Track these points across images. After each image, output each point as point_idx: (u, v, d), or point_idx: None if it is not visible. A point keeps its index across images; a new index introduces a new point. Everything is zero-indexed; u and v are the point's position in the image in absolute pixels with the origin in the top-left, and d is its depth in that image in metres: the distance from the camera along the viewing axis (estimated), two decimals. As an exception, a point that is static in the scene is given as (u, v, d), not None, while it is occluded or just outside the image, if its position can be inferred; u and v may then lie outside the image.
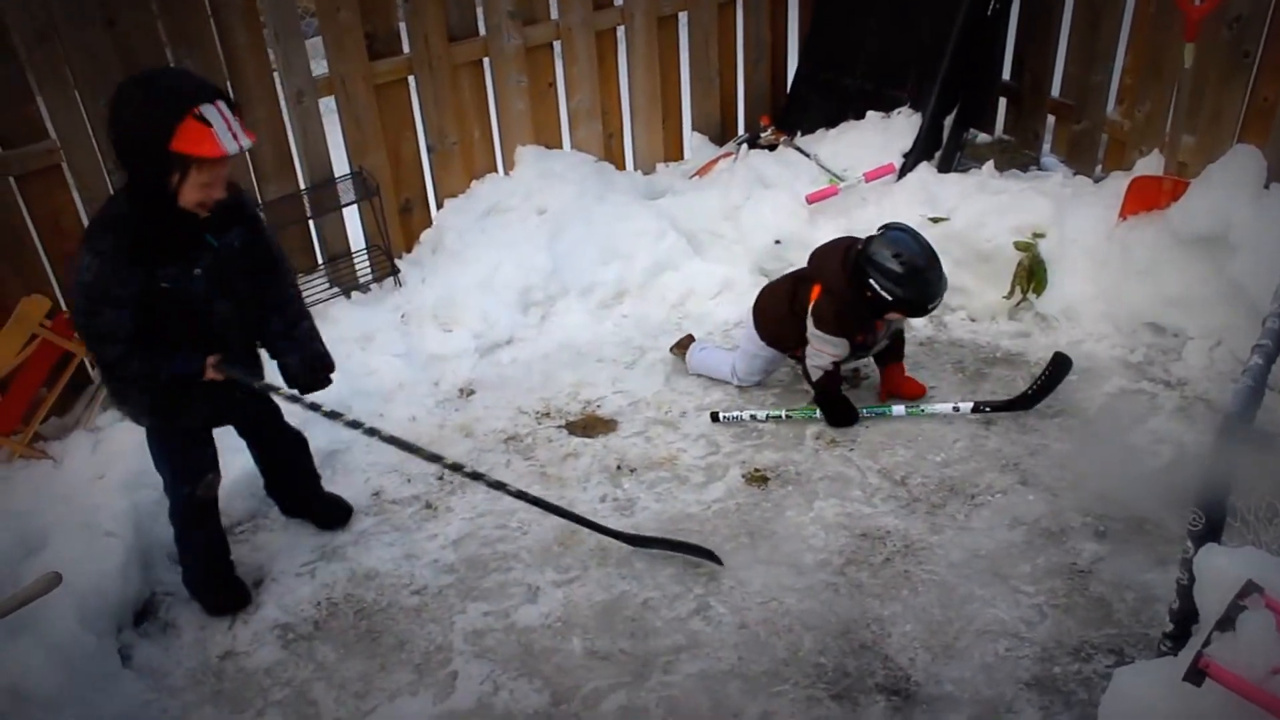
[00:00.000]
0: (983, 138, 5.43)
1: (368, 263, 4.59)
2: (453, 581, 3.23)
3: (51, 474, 3.54)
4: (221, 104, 2.51)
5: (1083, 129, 4.99)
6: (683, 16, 5.12)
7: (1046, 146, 5.30)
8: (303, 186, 4.39)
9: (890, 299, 3.46)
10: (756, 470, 3.60)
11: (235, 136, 2.51)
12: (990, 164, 4.66)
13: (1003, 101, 5.42)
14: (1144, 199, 3.91)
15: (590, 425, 3.94)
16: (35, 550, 3.10)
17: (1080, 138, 5.03)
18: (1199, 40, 3.70)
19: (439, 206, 4.77)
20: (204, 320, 2.79)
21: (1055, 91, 5.13)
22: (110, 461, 3.49)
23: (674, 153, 5.39)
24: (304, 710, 2.83)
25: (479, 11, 4.59)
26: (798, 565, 3.18)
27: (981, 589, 3.02)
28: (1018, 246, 4.12)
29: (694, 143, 5.42)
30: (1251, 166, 3.61)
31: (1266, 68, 4.03)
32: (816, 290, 3.68)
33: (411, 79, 4.46)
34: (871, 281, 3.47)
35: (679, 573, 3.17)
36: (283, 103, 4.23)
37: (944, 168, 4.77)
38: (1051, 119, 5.23)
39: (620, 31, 4.96)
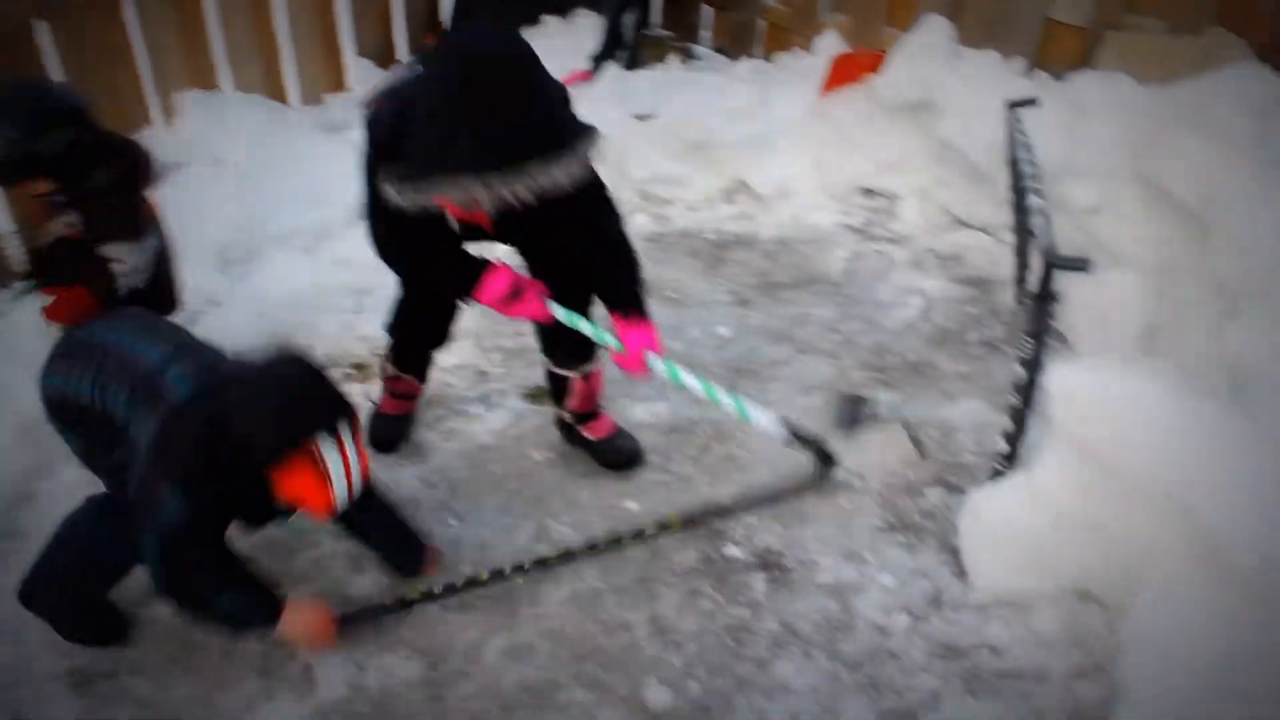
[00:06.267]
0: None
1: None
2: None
3: None
4: (344, 429, 2.10)
5: (742, 19, 5.21)
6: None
7: (705, 37, 5.48)
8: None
9: None
10: (538, 388, 3.49)
11: (349, 479, 2.12)
12: (675, 57, 4.75)
13: (658, -4, 5.53)
14: (844, 74, 4.15)
15: (341, 377, 3.64)
16: None
17: (739, 27, 5.24)
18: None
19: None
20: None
21: (712, -16, 5.32)
22: None
23: (337, 83, 5.03)
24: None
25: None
26: (618, 472, 3.13)
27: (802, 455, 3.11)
28: None
29: (359, 70, 5.07)
30: (942, 34, 3.91)
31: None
32: None
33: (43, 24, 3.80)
34: None
35: (504, 502, 3.02)
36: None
37: (632, 66, 4.81)
38: (710, 11, 5.41)
39: (272, -49, 4.52)
